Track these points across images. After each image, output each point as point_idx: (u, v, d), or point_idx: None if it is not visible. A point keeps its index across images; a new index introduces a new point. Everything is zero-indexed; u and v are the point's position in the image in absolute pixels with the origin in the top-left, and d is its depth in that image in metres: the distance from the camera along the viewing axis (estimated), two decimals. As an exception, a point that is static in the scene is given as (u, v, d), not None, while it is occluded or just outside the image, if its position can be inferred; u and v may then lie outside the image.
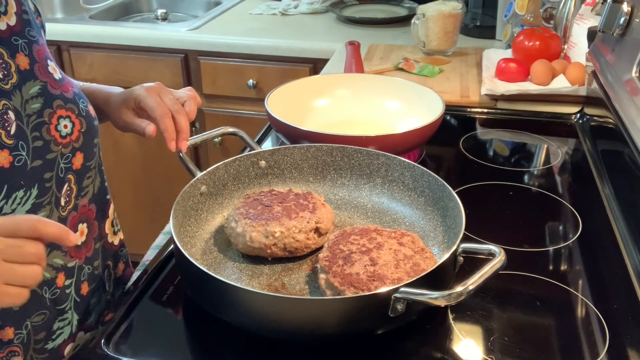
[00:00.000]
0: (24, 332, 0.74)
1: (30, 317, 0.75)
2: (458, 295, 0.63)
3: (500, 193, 1.06)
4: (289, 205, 0.84)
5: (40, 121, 0.73)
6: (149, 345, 0.73)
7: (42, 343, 0.77)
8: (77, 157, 0.79)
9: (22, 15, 0.76)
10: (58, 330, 0.79)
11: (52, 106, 0.75)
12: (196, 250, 0.84)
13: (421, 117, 1.12)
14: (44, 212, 0.73)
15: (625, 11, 1.07)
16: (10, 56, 0.72)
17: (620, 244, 0.91)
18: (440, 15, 1.65)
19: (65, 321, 0.79)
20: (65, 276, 0.78)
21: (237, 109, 2.04)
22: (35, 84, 0.73)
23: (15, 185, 0.70)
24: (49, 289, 0.76)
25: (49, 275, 0.76)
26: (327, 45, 1.88)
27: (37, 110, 0.73)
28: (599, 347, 0.72)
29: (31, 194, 0.71)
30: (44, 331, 0.77)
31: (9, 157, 0.69)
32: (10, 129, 0.70)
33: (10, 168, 0.69)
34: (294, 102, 1.20)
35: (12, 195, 0.69)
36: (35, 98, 0.73)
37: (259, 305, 0.68)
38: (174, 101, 0.88)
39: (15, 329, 0.73)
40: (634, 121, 0.92)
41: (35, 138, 0.73)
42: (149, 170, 2.17)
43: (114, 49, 2.03)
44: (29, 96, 0.72)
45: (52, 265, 0.76)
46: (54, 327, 0.78)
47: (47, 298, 0.76)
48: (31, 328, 0.75)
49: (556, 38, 1.47)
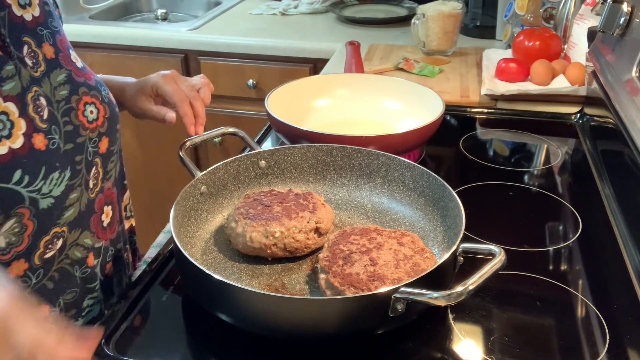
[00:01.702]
0: (57, 309, 0.77)
1: (63, 294, 0.78)
2: (458, 295, 0.63)
3: (500, 193, 1.06)
4: (289, 205, 0.84)
5: (68, 107, 0.76)
6: (149, 345, 0.73)
7: (72, 320, 0.80)
8: (103, 142, 0.81)
9: (44, 6, 0.78)
10: (87, 307, 0.82)
11: (78, 93, 0.78)
12: (196, 250, 0.84)
13: (421, 117, 1.12)
14: (75, 193, 0.76)
15: (625, 11, 1.07)
16: (37, 45, 0.75)
17: (620, 244, 0.91)
18: (440, 15, 1.65)
19: (95, 299, 0.83)
20: (94, 256, 0.81)
21: (237, 109, 2.04)
22: (61, 72, 0.76)
23: (52, 167, 0.72)
24: (79, 267, 0.79)
25: (80, 255, 0.79)
26: (327, 45, 1.88)
27: (65, 96, 0.76)
28: (599, 347, 0.72)
29: (65, 176, 0.74)
30: (74, 308, 0.80)
31: (45, 140, 0.72)
32: (43, 114, 0.72)
33: (47, 150, 0.72)
34: (294, 102, 1.20)
35: (49, 177, 0.72)
36: (62, 85, 0.76)
37: (259, 305, 0.68)
38: (190, 87, 0.93)
39: (51, 307, 0.76)
40: (634, 121, 0.92)
41: (66, 123, 0.75)
42: (149, 170, 2.17)
43: (114, 49, 2.03)
44: (56, 83, 0.75)
45: (83, 245, 0.79)
46: (83, 305, 0.81)
47: (78, 277, 0.79)
48: (63, 305, 0.78)
49: (556, 38, 1.47)
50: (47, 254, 0.73)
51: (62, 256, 0.76)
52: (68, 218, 0.75)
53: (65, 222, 0.75)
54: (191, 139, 0.93)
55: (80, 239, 0.78)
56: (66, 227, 0.75)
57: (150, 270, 0.84)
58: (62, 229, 0.75)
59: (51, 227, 0.73)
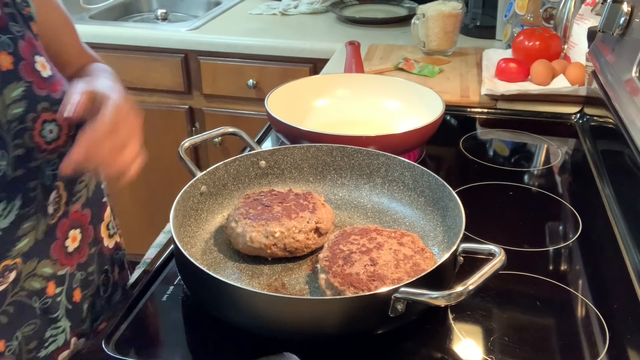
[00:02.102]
0: (15, 343, 0.73)
1: (21, 327, 0.73)
2: (458, 295, 0.63)
3: (500, 193, 1.06)
4: (289, 205, 0.84)
5: (22, 127, 0.68)
6: (149, 345, 0.73)
7: (34, 352, 0.75)
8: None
9: (4, 8, 0.69)
10: (51, 337, 0.77)
11: (36, 110, 0.69)
12: (196, 250, 0.84)
13: (421, 117, 1.12)
14: (29, 222, 0.71)
15: (625, 11, 1.07)
16: None
17: (620, 244, 0.91)
18: (440, 15, 1.65)
19: (59, 329, 0.78)
20: (55, 284, 0.76)
21: (237, 109, 2.04)
22: (18, 85, 0.68)
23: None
24: (39, 298, 0.74)
25: (39, 286, 0.74)
26: (327, 45, 1.88)
27: (19, 115, 0.68)
28: (599, 347, 0.72)
29: (14, 205, 0.68)
30: (35, 340, 0.75)
31: None
32: None
33: None
34: (294, 102, 1.20)
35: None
36: (17, 102, 0.68)
37: (259, 305, 0.68)
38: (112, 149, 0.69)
39: (6, 341, 0.72)
40: (634, 121, 0.92)
41: (17, 146, 0.68)
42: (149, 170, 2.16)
43: (114, 49, 2.03)
44: (10, 100, 0.67)
45: (41, 275, 0.74)
46: (46, 336, 0.76)
47: (38, 308, 0.74)
48: (22, 338, 0.73)
49: (556, 38, 1.47)
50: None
51: (17, 289, 0.71)
52: (21, 249, 0.70)
53: (19, 254, 0.70)
54: (191, 139, 0.93)
55: (37, 269, 0.73)
56: (19, 259, 0.70)
57: (150, 270, 0.84)
58: (15, 261, 0.70)
59: (1, 261, 0.68)
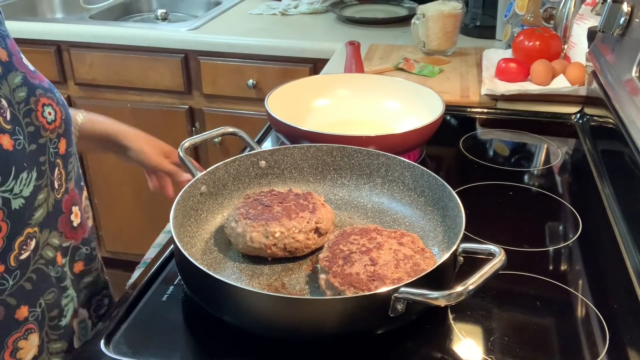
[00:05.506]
0: (38, 310, 0.77)
1: (43, 295, 0.78)
2: (458, 295, 0.63)
3: (500, 193, 1.06)
4: (289, 206, 0.84)
5: (28, 108, 0.76)
6: (149, 345, 0.73)
7: (56, 320, 0.80)
8: (61, 143, 0.81)
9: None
10: (66, 306, 0.82)
11: (35, 94, 0.78)
12: (196, 250, 0.84)
13: (421, 117, 1.12)
14: (43, 193, 0.76)
15: (625, 11, 1.07)
16: None
17: (620, 244, 0.91)
18: (440, 15, 1.65)
19: (68, 298, 0.83)
20: (62, 255, 0.82)
21: (237, 109, 2.04)
22: (17, 74, 0.77)
23: (20, 167, 0.73)
24: (53, 267, 0.80)
25: (52, 255, 0.79)
26: (327, 45, 1.88)
27: (24, 98, 0.76)
28: (599, 347, 0.72)
29: (32, 176, 0.74)
30: (56, 308, 0.80)
31: (11, 140, 0.72)
32: (6, 115, 0.73)
33: (14, 151, 0.72)
34: (294, 102, 1.20)
35: (19, 177, 0.72)
36: (20, 87, 0.76)
37: (259, 305, 0.68)
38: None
39: (30, 307, 0.76)
40: (634, 121, 0.92)
41: (28, 124, 0.76)
42: (149, 170, 2.17)
43: (114, 49, 2.03)
44: (14, 85, 0.76)
45: (52, 244, 0.79)
46: (62, 304, 0.81)
47: (53, 276, 0.80)
48: (45, 306, 0.78)
49: (556, 38, 1.47)
50: (22, 255, 0.74)
51: (37, 257, 0.76)
52: (38, 219, 0.76)
53: (36, 223, 0.75)
54: (191, 139, 0.93)
55: (49, 239, 0.79)
56: (37, 228, 0.76)
57: (150, 270, 0.84)
58: (34, 230, 0.75)
59: (24, 228, 0.73)
